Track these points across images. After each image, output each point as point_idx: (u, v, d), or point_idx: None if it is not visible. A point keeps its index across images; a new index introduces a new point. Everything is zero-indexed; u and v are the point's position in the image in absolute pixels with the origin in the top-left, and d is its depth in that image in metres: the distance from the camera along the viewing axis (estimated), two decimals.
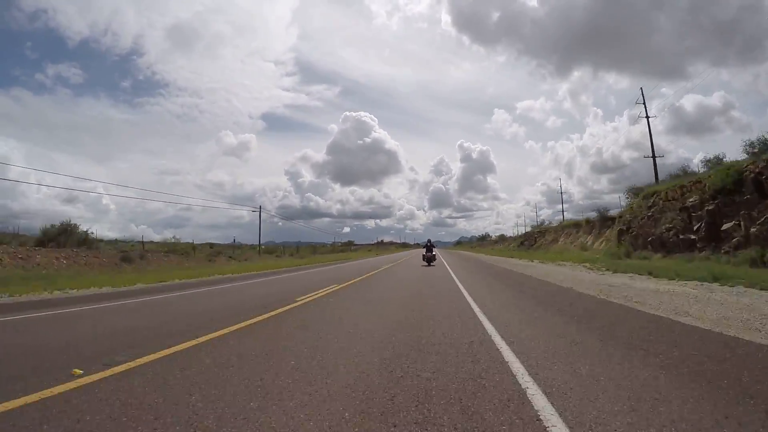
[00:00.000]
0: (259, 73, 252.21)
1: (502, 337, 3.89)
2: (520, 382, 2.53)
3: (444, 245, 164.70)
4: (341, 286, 9.91)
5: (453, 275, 13.27)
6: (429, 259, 20.97)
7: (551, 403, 2.17)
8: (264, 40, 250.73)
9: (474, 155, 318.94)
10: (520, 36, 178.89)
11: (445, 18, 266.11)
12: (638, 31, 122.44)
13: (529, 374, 2.69)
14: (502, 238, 62.80)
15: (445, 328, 4.41)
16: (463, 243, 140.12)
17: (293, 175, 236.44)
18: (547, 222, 43.35)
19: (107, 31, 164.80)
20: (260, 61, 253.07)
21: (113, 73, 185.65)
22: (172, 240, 27.82)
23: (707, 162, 18.10)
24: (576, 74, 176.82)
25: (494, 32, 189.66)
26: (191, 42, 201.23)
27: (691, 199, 14.66)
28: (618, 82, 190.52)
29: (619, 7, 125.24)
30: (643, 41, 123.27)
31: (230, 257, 29.81)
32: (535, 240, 39.93)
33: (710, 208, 13.34)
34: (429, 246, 22.21)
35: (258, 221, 40.34)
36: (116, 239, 26.95)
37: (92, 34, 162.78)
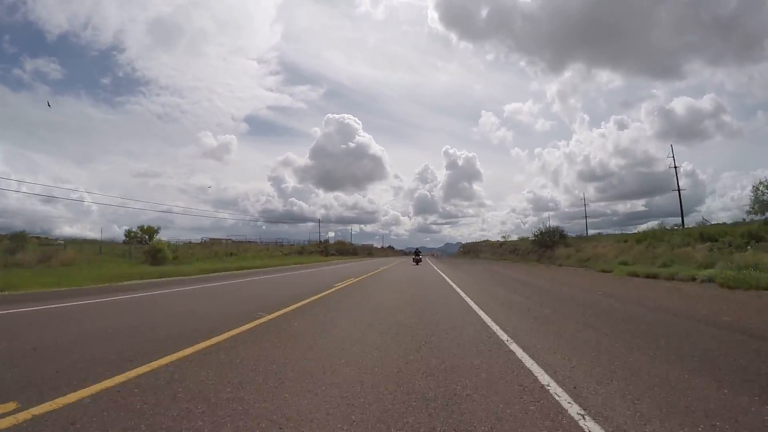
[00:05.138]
0: (242, 71, 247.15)
1: None
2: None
3: (429, 250, 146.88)
4: None
5: None
6: (417, 261, 31.22)
7: None
8: (248, 37, 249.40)
9: (460, 162, 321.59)
10: (511, 31, 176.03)
11: (432, 14, 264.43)
12: (636, 26, 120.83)
13: None
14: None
15: None
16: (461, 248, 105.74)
17: (276, 180, 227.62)
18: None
19: (87, 24, 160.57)
20: (243, 59, 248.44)
21: (93, 69, 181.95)
22: None
23: None
24: (568, 72, 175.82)
25: (484, 28, 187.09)
26: (173, 38, 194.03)
27: None
28: (611, 80, 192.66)
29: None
30: (640, 36, 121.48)
31: None
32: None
33: None
34: (417, 251, 34.48)
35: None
36: None
37: (72, 28, 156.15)
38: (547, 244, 30.66)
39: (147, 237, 66.62)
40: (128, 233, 66.31)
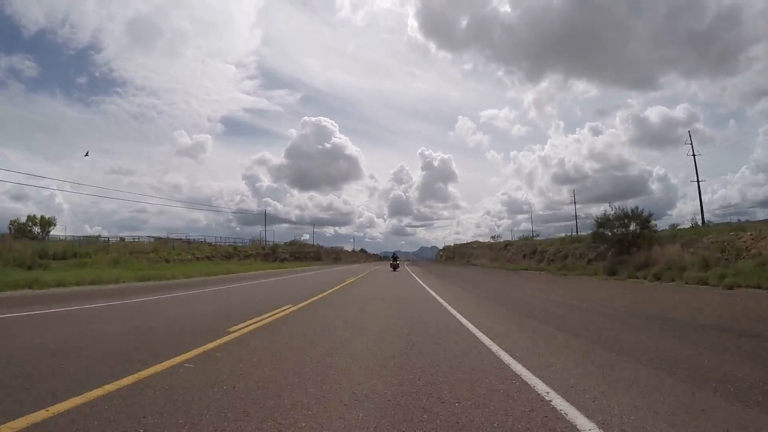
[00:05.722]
0: (220, 74, 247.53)
1: None
2: None
3: (404, 254, 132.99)
4: None
5: None
6: (395, 267, 29.93)
7: None
8: (227, 40, 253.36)
9: (435, 163, 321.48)
10: (490, 41, 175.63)
11: (412, 23, 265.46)
12: (613, 38, 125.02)
13: None
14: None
15: None
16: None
17: (251, 179, 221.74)
18: None
19: (65, 21, 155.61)
20: (221, 63, 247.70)
21: (69, 68, 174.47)
22: None
23: None
24: (545, 82, 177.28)
25: (463, 38, 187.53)
26: (152, 38, 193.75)
27: None
28: (587, 90, 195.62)
29: (597, 12, 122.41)
30: (617, 48, 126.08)
31: None
32: None
33: None
34: (394, 257, 32.97)
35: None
36: None
37: (49, 25, 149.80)
38: (627, 242, 17.50)
39: (40, 230, 49.74)
40: (14, 223, 49.15)
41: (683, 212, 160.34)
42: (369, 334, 5.05)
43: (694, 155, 29.74)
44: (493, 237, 78.27)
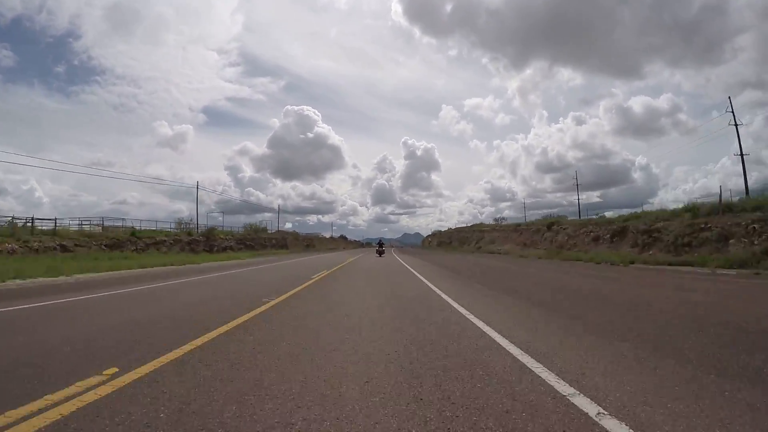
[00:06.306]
0: (202, 62, 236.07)
1: None
2: None
3: (388, 241, 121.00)
4: None
5: None
6: (380, 253, 30.57)
7: None
8: (208, 26, 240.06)
9: (418, 152, 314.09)
10: (475, 27, 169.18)
11: (396, 8, 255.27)
12: (599, 26, 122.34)
13: None
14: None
15: None
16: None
17: (233, 170, 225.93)
18: None
19: (42, 7, 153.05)
20: (203, 49, 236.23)
21: (47, 56, 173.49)
22: None
23: None
24: (530, 69, 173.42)
25: (448, 23, 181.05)
26: (131, 24, 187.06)
27: None
28: (572, 78, 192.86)
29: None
30: (603, 36, 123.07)
31: None
32: None
33: None
34: (380, 243, 34.03)
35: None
36: None
37: (26, 11, 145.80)
38: None
39: None
40: None
41: (664, 200, 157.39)
42: None
43: (736, 125, 25.97)
44: (495, 219, 65.95)
